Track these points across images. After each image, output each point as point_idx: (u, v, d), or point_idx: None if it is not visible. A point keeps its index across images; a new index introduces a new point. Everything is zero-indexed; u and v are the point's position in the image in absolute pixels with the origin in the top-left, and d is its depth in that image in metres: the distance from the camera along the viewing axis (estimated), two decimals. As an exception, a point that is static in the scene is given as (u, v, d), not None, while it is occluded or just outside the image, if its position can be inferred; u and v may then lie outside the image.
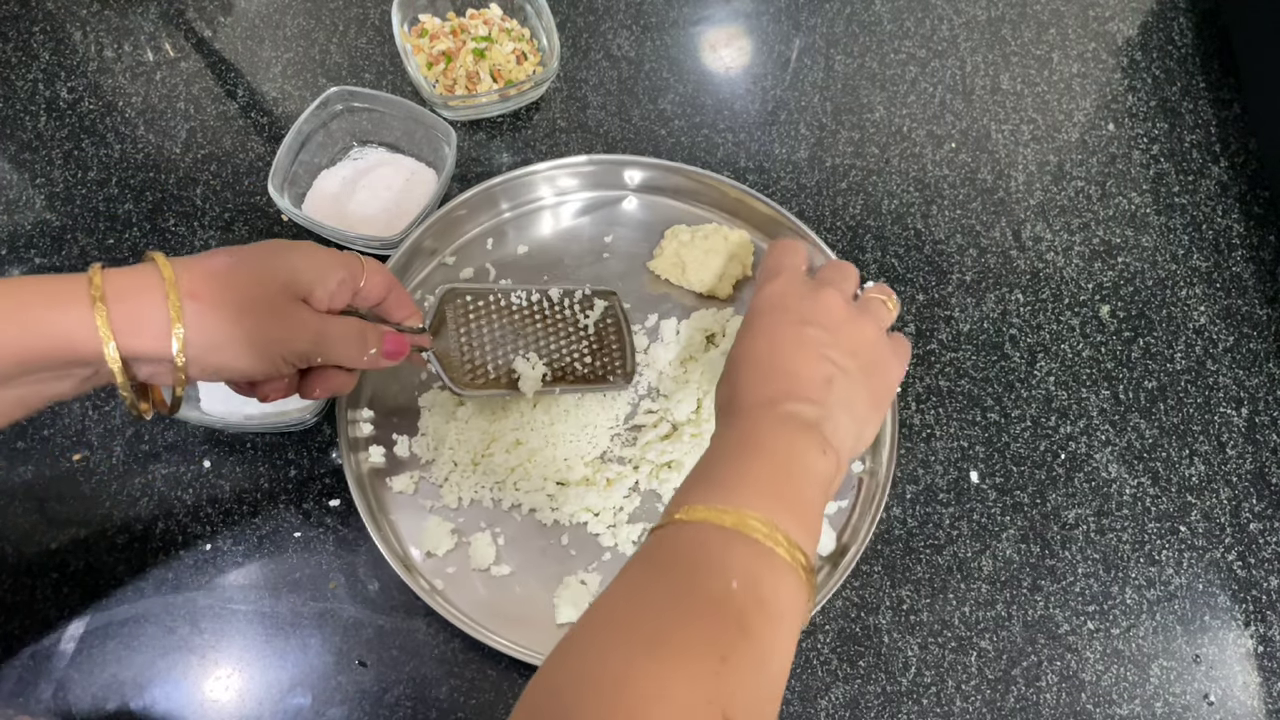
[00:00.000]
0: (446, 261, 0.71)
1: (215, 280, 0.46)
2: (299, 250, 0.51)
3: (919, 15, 0.85)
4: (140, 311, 0.44)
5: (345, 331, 0.52)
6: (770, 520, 0.42)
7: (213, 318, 0.46)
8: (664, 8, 0.84)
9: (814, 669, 0.62)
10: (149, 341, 0.45)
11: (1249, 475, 0.69)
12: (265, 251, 0.50)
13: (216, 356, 0.47)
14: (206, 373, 0.47)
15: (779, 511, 0.43)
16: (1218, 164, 0.80)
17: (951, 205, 0.77)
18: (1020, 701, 0.62)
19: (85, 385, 0.47)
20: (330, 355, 0.52)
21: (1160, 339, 0.73)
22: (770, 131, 0.79)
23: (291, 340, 0.49)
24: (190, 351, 0.45)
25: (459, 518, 0.64)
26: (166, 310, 0.45)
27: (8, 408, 0.45)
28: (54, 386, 0.46)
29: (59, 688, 0.58)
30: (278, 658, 0.60)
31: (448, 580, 0.62)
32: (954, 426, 0.69)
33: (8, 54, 0.78)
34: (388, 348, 0.55)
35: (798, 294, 0.53)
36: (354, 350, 0.52)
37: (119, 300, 0.44)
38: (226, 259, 0.48)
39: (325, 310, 0.51)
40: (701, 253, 0.70)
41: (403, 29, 0.76)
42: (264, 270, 0.48)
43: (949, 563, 0.65)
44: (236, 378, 0.49)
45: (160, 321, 0.45)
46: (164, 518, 0.63)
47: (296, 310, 0.49)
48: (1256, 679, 0.64)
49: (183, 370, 0.46)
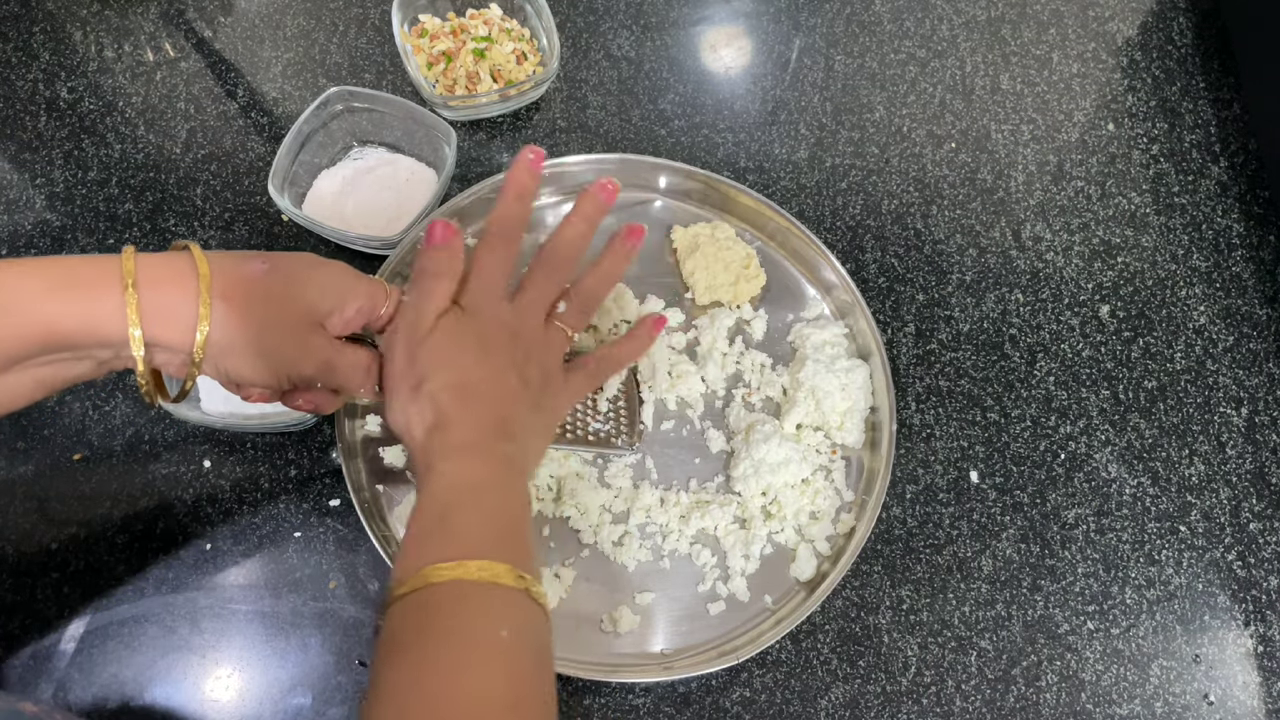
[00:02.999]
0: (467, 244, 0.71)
1: (247, 287, 0.47)
2: (328, 271, 0.51)
3: (919, 15, 0.85)
4: (169, 301, 0.45)
5: (354, 362, 0.52)
6: (513, 566, 0.45)
7: (237, 323, 0.46)
8: (664, 8, 0.84)
9: (814, 669, 0.62)
10: (173, 333, 0.45)
11: (1249, 475, 0.69)
12: (298, 265, 0.50)
13: (230, 360, 0.47)
14: (215, 371, 0.48)
15: (514, 553, 0.46)
16: (1217, 164, 0.80)
17: (951, 205, 0.77)
18: (1020, 701, 0.62)
19: (103, 369, 0.47)
20: (332, 383, 0.52)
21: (1160, 339, 0.73)
22: (770, 131, 0.79)
23: (301, 363, 0.50)
24: (209, 350, 0.46)
25: None
26: (196, 305, 0.45)
27: (28, 388, 0.46)
28: (73, 368, 0.46)
29: (59, 687, 0.58)
30: (278, 657, 0.60)
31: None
32: (954, 426, 0.69)
33: (8, 54, 0.78)
34: None
35: (496, 329, 0.53)
36: (356, 381, 0.53)
37: (150, 287, 0.44)
38: (261, 266, 0.48)
39: (338, 334, 0.52)
40: (718, 264, 0.70)
41: (403, 29, 0.76)
42: (292, 287, 0.49)
43: (949, 562, 0.65)
44: (239, 381, 0.50)
45: (188, 315, 0.45)
46: (164, 517, 0.63)
47: (313, 335, 0.50)
48: (1256, 679, 0.64)
49: (197, 366, 0.46)
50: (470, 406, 0.50)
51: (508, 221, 0.55)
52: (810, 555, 0.64)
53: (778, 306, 0.71)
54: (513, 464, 0.50)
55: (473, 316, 0.52)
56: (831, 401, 0.66)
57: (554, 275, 0.56)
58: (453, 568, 0.43)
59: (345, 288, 0.51)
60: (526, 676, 0.43)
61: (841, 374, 0.66)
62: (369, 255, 0.71)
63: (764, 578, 0.64)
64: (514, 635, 0.43)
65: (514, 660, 0.43)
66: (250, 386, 0.50)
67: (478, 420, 0.50)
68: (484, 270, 0.54)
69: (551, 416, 0.56)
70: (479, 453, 0.49)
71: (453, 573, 0.43)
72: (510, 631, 0.43)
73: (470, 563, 0.44)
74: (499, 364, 0.52)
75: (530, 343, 0.54)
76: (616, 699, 0.60)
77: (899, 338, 0.72)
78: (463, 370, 0.51)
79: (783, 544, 0.64)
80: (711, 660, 0.59)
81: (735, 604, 0.63)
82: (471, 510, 0.47)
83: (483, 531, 0.46)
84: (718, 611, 0.62)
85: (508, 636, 0.43)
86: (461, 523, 0.46)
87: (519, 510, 0.49)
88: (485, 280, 0.54)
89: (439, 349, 0.51)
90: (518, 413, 0.52)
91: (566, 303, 0.57)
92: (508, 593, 0.44)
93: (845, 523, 0.65)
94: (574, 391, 0.58)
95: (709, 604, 0.63)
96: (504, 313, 0.54)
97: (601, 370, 0.60)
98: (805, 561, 0.63)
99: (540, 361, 0.54)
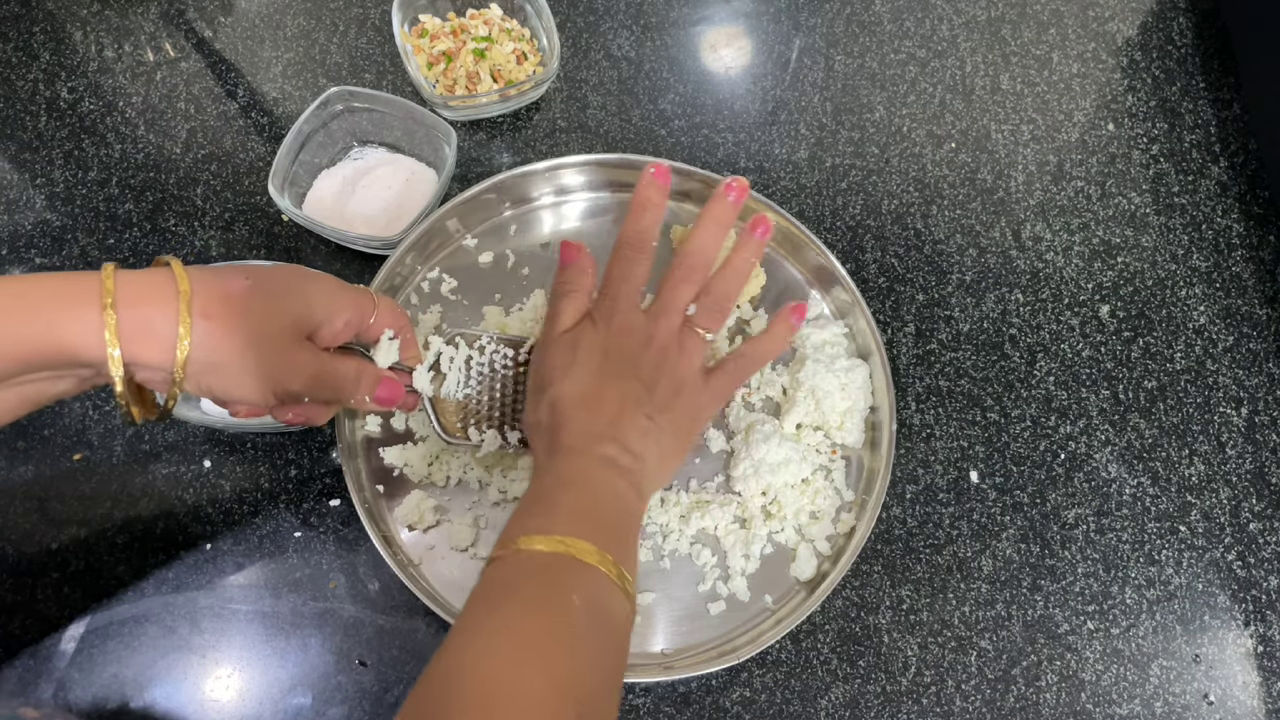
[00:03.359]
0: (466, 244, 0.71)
1: (229, 304, 0.46)
2: (314, 284, 0.51)
3: (919, 15, 0.85)
4: (149, 320, 0.44)
5: (344, 373, 0.52)
6: (598, 548, 0.48)
7: (220, 341, 0.46)
8: (664, 8, 0.84)
9: (814, 669, 0.62)
10: (152, 351, 0.45)
11: (1249, 475, 0.69)
12: (282, 280, 0.50)
13: (213, 377, 0.47)
14: (200, 390, 0.48)
15: (604, 540, 0.49)
16: (1217, 164, 0.80)
17: (951, 205, 0.77)
18: (1020, 701, 0.62)
19: (86, 385, 0.47)
20: (321, 396, 0.52)
21: (1160, 339, 0.73)
22: (770, 132, 0.79)
23: (288, 379, 0.49)
24: (190, 368, 0.46)
25: (444, 496, 0.64)
26: (176, 323, 0.45)
27: (11, 405, 0.46)
28: (56, 385, 0.46)
29: (59, 687, 0.58)
30: (278, 657, 0.60)
31: (443, 580, 0.62)
32: (954, 426, 0.69)
33: (8, 54, 0.78)
34: (380, 394, 0.55)
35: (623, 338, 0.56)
36: (346, 392, 0.53)
37: (129, 306, 0.44)
38: (244, 282, 0.48)
39: (326, 347, 0.52)
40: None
41: (403, 29, 0.76)
42: (277, 302, 0.48)
43: (949, 562, 0.65)
44: (225, 399, 0.50)
45: (167, 334, 0.45)
46: (164, 517, 0.63)
47: (299, 350, 0.50)
48: (1256, 679, 0.64)
49: (179, 384, 0.46)
50: (581, 413, 0.54)
51: (637, 235, 0.58)
52: (810, 555, 0.64)
53: (778, 307, 0.71)
54: (616, 466, 0.53)
55: (601, 327, 0.56)
56: (831, 401, 0.66)
57: (687, 279, 0.58)
58: (540, 540, 0.47)
59: (333, 300, 0.51)
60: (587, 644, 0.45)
61: (841, 374, 0.66)
62: (369, 255, 0.71)
63: (764, 577, 0.64)
64: (584, 603, 0.45)
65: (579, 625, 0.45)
66: (237, 404, 0.50)
67: (586, 425, 0.54)
68: (615, 282, 0.58)
69: (689, 421, 0.58)
70: (581, 454, 0.53)
71: (540, 544, 0.47)
72: (581, 599, 0.45)
73: (555, 536, 0.47)
74: (620, 372, 0.55)
75: (663, 350, 0.57)
76: (616, 699, 0.60)
77: (899, 338, 0.72)
78: (580, 379, 0.55)
79: (783, 544, 0.64)
80: (712, 660, 0.59)
81: (735, 604, 0.63)
82: (566, 496, 0.51)
83: (574, 515, 0.49)
84: (718, 611, 0.62)
85: (579, 603, 0.45)
86: (556, 505, 0.50)
87: (614, 505, 0.52)
88: (616, 291, 0.57)
89: (560, 360, 0.56)
90: (635, 419, 0.54)
91: (698, 305, 0.59)
92: (585, 568, 0.47)
93: (845, 522, 0.65)
94: (716, 393, 0.59)
95: (709, 604, 0.63)
96: (635, 322, 0.56)
97: (741, 369, 0.61)
98: (805, 561, 0.63)
99: (673, 368, 0.57)
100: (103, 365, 0.44)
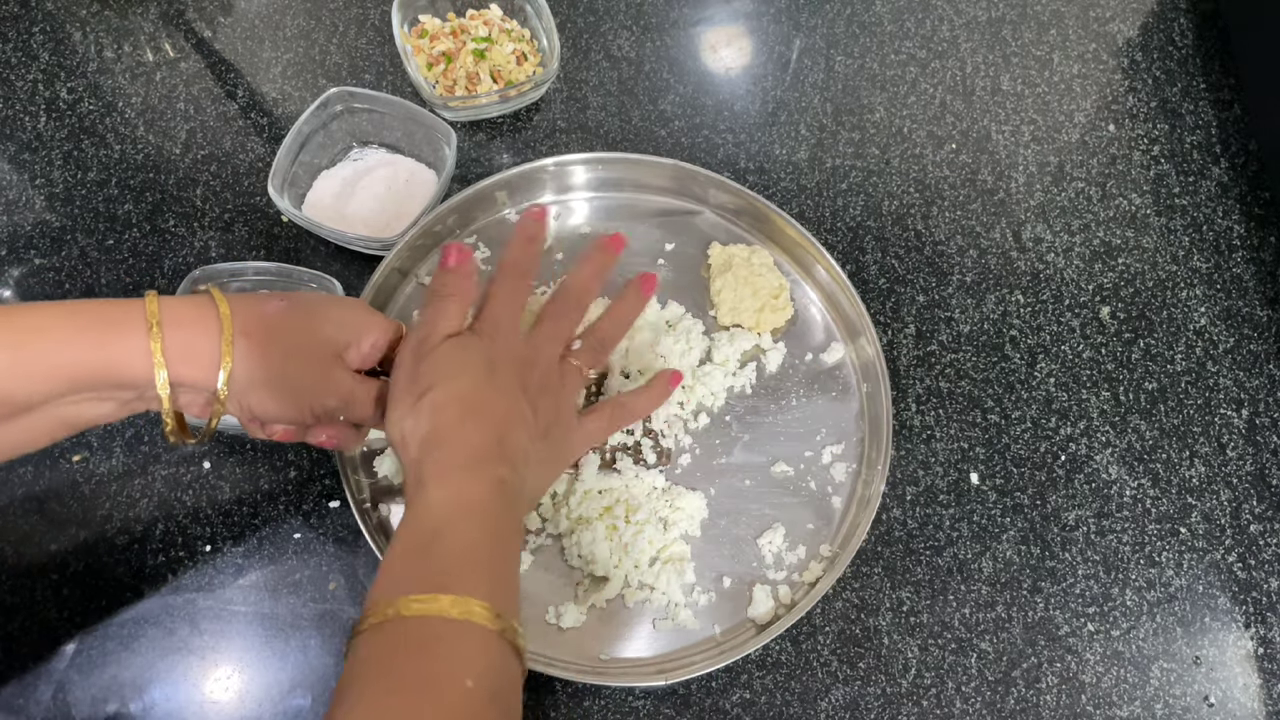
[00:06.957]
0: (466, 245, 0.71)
1: (267, 323, 0.48)
2: (345, 306, 0.53)
3: (919, 16, 0.85)
4: (193, 341, 0.46)
5: (375, 395, 0.53)
6: (492, 607, 0.42)
7: (259, 358, 0.47)
8: (664, 8, 0.84)
9: (814, 670, 0.62)
10: (197, 371, 0.46)
11: (1249, 477, 0.69)
12: (314, 302, 0.51)
13: (253, 395, 0.48)
14: (240, 409, 0.49)
15: (499, 593, 0.43)
16: (1218, 165, 0.80)
17: (952, 206, 0.77)
18: (1020, 703, 0.62)
19: (126, 409, 0.48)
20: (354, 415, 0.53)
21: (1160, 340, 0.73)
22: (770, 132, 0.79)
23: (324, 395, 0.50)
24: (232, 386, 0.47)
25: None
26: (219, 343, 0.46)
27: (50, 427, 0.47)
28: (98, 408, 0.47)
29: (58, 689, 0.58)
30: (278, 659, 0.60)
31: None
32: (954, 428, 0.69)
33: (8, 54, 0.78)
34: None
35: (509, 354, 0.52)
36: (379, 414, 0.53)
37: (174, 328, 0.45)
38: (279, 304, 0.49)
39: (355, 369, 0.52)
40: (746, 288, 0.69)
41: (403, 29, 0.76)
42: (310, 321, 0.50)
43: (949, 564, 0.65)
44: (263, 417, 0.50)
45: (211, 353, 0.46)
46: (164, 519, 0.63)
47: (333, 367, 0.51)
48: (1257, 681, 0.64)
49: (222, 404, 0.47)
50: (469, 423, 0.48)
51: (518, 262, 0.56)
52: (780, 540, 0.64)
53: (799, 343, 0.70)
54: (507, 490, 0.47)
55: (484, 340, 0.52)
56: None
57: (566, 315, 0.56)
58: (427, 601, 0.41)
59: (361, 322, 0.52)
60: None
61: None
62: (368, 256, 0.71)
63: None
64: (479, 685, 0.40)
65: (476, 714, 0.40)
66: (274, 422, 0.51)
67: (475, 439, 0.48)
68: (499, 301, 0.54)
69: (561, 452, 0.55)
70: (472, 474, 0.47)
71: (426, 607, 0.41)
72: (476, 681, 0.40)
73: (444, 598, 0.41)
74: (506, 385, 0.51)
75: (546, 374, 0.53)
76: (616, 701, 0.60)
77: (899, 339, 0.72)
78: (466, 386, 0.49)
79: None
80: (711, 660, 0.59)
81: (723, 597, 0.63)
82: (456, 537, 0.45)
83: (465, 562, 0.44)
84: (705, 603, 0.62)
85: (473, 687, 0.40)
86: (444, 550, 0.44)
87: (507, 541, 0.47)
88: (499, 311, 0.53)
89: (445, 363, 0.50)
90: (520, 439, 0.50)
91: (582, 341, 0.57)
92: (482, 634, 0.42)
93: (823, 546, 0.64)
94: (587, 435, 0.56)
95: (699, 596, 0.62)
96: (516, 343, 0.53)
97: (617, 418, 0.58)
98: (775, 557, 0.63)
99: (555, 394, 0.54)
100: (147, 387, 0.45)
